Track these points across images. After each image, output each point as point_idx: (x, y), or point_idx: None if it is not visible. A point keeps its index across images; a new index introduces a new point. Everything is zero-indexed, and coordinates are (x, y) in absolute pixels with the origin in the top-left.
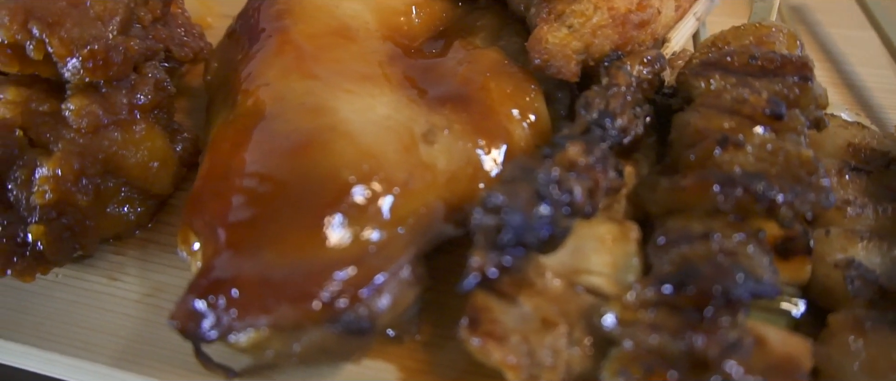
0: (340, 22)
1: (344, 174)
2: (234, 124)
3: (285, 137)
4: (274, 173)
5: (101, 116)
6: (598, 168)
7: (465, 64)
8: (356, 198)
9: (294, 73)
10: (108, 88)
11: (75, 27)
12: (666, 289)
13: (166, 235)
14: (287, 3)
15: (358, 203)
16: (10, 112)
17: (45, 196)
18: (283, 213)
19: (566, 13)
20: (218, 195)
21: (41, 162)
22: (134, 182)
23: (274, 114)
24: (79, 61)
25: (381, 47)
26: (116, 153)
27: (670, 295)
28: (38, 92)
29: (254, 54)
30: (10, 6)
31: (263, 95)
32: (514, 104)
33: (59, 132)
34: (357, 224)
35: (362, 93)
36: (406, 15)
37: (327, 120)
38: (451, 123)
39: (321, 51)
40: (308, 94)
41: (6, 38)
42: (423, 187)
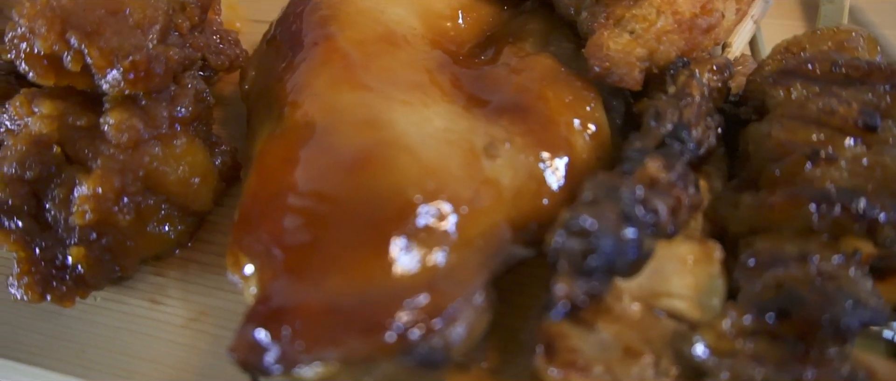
0: (386, 28)
1: (409, 193)
2: (283, 138)
3: (342, 153)
4: (332, 192)
5: (141, 130)
6: (680, 185)
7: (519, 71)
8: (423, 218)
9: (344, 83)
10: (147, 101)
11: (115, 37)
12: (769, 317)
13: (207, 254)
14: (331, 9)
15: (425, 224)
16: (47, 127)
17: (85, 216)
18: (345, 235)
19: (626, 18)
20: (271, 215)
21: (80, 180)
22: (174, 199)
23: (327, 127)
24: (119, 73)
25: (429, 54)
26: (157, 169)
27: (772, 324)
28: (74, 105)
29: (298, 63)
30: (46, 15)
31: (313, 107)
32: (573, 114)
33: (97, 148)
34: (426, 247)
35: (417, 103)
36: (452, 19)
37: (385, 134)
38: (512, 136)
39: (369, 59)
40: (361, 105)
41: (43, 49)
42: (491, 205)
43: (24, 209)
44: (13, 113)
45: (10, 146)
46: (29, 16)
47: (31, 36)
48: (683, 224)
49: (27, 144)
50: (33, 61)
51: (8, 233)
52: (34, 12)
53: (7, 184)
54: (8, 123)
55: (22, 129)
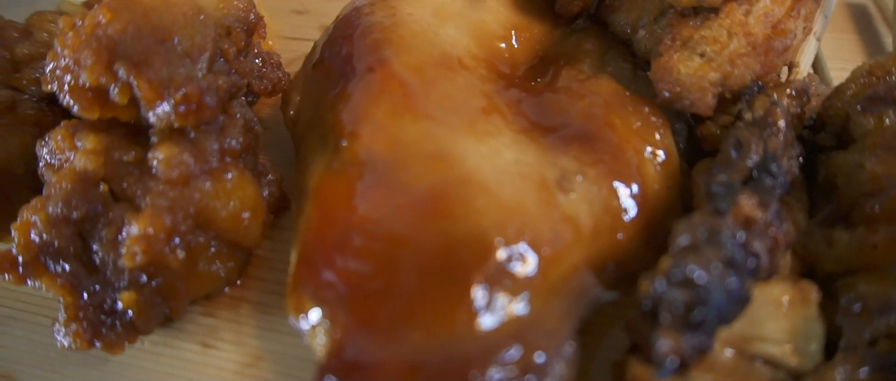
0: (442, 51)
1: (489, 235)
2: (344, 173)
3: (413, 192)
4: (406, 235)
5: (191, 165)
6: (776, 224)
7: (582, 96)
8: (506, 263)
9: (405, 112)
10: (196, 133)
11: (164, 67)
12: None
13: (258, 292)
14: (384, 32)
15: (509, 269)
16: (92, 163)
17: (135, 258)
18: (423, 283)
19: (694, 39)
20: (338, 259)
21: (129, 219)
22: (224, 235)
23: (393, 162)
24: (170, 106)
25: (486, 78)
26: (208, 206)
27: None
28: (119, 138)
29: (353, 90)
30: (92, 45)
31: (375, 140)
32: (643, 141)
33: (145, 184)
34: (511, 294)
35: (482, 133)
36: (506, 40)
37: (458, 170)
38: (583, 167)
39: (428, 85)
40: (427, 137)
41: (89, 82)
42: (571, 245)
43: (70, 251)
44: (54, 147)
45: (53, 183)
46: (73, 46)
47: (75, 67)
48: (779, 266)
49: (72, 182)
50: (78, 94)
51: (54, 277)
52: (79, 42)
53: (52, 225)
54: (48, 156)
55: (65, 164)
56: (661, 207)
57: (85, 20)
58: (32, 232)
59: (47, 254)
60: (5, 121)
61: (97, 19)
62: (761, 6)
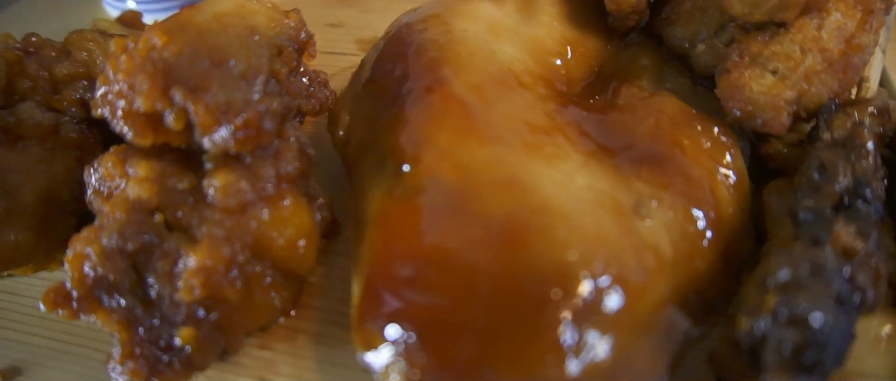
0: (499, 68)
1: (574, 268)
2: (409, 201)
3: (489, 222)
4: (485, 268)
5: (248, 192)
6: (877, 255)
7: (646, 115)
8: (593, 298)
9: (470, 136)
10: (252, 159)
11: (221, 91)
12: None
13: (314, 322)
14: (441, 51)
15: (596, 305)
16: (146, 191)
17: (193, 292)
18: (506, 321)
19: (764, 55)
20: (410, 293)
21: (185, 251)
22: (280, 264)
23: (462, 190)
24: (229, 132)
25: (546, 96)
26: (265, 234)
27: None
28: (172, 165)
29: (410, 112)
30: (147, 70)
31: (440, 166)
32: (714, 162)
33: (201, 213)
34: (600, 331)
35: (550, 157)
36: (561, 56)
37: (533, 199)
38: (657, 191)
39: (490, 106)
40: (497, 163)
41: (144, 107)
42: (656, 276)
43: (125, 285)
44: (104, 174)
45: (106, 213)
46: (127, 70)
47: (130, 92)
48: (882, 299)
49: (126, 212)
50: (132, 120)
51: (109, 312)
52: (133, 66)
53: (107, 257)
54: (98, 183)
55: (115, 191)
56: (735, 231)
57: (138, 43)
58: (86, 265)
59: (102, 288)
60: (49, 145)
61: (152, 42)
62: (833, 20)
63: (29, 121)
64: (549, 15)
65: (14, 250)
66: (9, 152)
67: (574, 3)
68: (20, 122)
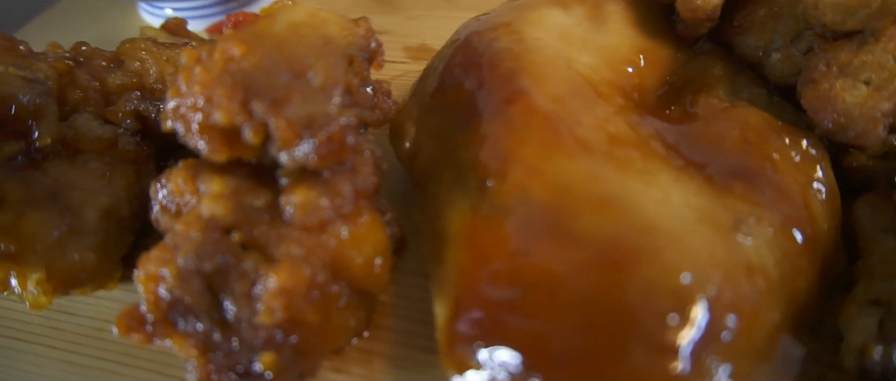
0: (577, 78)
1: (691, 293)
2: (500, 220)
3: (591, 244)
4: (591, 292)
5: (328, 209)
6: None
7: (733, 127)
8: (708, 323)
9: (558, 150)
10: (330, 174)
11: (302, 105)
12: None
13: (388, 344)
14: (517, 60)
15: (712, 333)
16: (221, 209)
17: (274, 315)
18: (616, 348)
19: (854, 65)
20: (507, 317)
21: (265, 272)
22: (356, 284)
23: (557, 209)
24: (312, 147)
25: (624, 107)
26: (343, 253)
27: None
28: (245, 181)
29: (490, 125)
30: (226, 82)
31: (530, 182)
32: (806, 176)
33: (279, 232)
34: (718, 359)
35: (642, 172)
36: (634, 65)
37: (637, 218)
38: (753, 207)
39: (573, 118)
40: (591, 180)
41: (223, 121)
42: (767, 298)
43: (201, 307)
44: (173, 190)
45: (179, 233)
46: (204, 82)
47: (207, 106)
48: None
49: (201, 231)
50: (209, 135)
51: (184, 337)
52: (210, 79)
53: (183, 279)
54: (165, 200)
55: (184, 208)
56: (830, 248)
57: (214, 53)
58: (161, 287)
59: (177, 311)
60: (108, 159)
61: (230, 53)
62: None
63: (89, 134)
64: (618, 22)
65: (78, 271)
66: (69, 167)
67: (642, 9)
68: (79, 135)
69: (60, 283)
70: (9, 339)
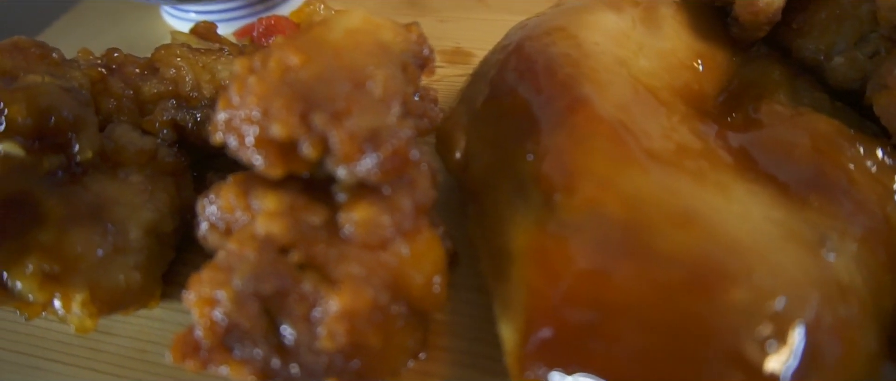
0: (638, 85)
1: (788, 316)
2: (572, 237)
3: (679, 263)
4: (681, 315)
5: (389, 227)
6: None
7: (802, 135)
8: (811, 350)
9: (629, 162)
10: (390, 189)
11: (363, 117)
12: None
13: (446, 365)
14: (576, 66)
15: (816, 359)
16: (278, 228)
17: (336, 340)
18: (709, 374)
19: None
20: (587, 341)
21: (325, 293)
22: (415, 304)
23: (637, 225)
24: (375, 163)
25: (688, 115)
26: (404, 272)
27: None
28: (300, 197)
29: (552, 135)
30: (284, 93)
31: (604, 196)
32: (883, 187)
33: (338, 250)
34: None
35: (718, 184)
36: (693, 70)
37: (721, 235)
38: (833, 221)
39: (638, 127)
40: (668, 194)
41: (281, 135)
42: (862, 322)
43: (259, 332)
44: (224, 206)
45: (233, 252)
46: (259, 94)
47: (263, 119)
48: None
49: (256, 250)
50: (266, 149)
51: (242, 364)
52: (266, 90)
53: (240, 303)
54: (214, 217)
55: (237, 227)
56: None
57: (269, 63)
58: (217, 311)
59: (233, 336)
60: (149, 172)
61: (286, 62)
62: None
63: (129, 147)
64: (673, 26)
65: (124, 292)
66: (110, 181)
67: (695, 12)
68: (119, 148)
69: (105, 305)
70: (49, 361)
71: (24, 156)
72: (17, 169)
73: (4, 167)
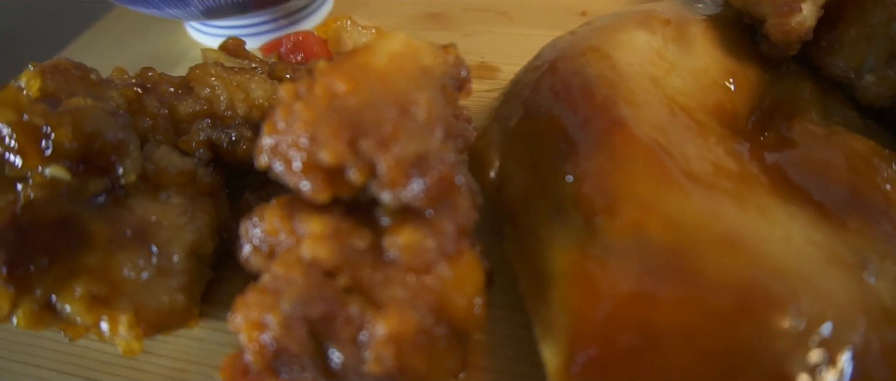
0: (674, 106)
1: (839, 343)
2: (616, 261)
3: (726, 289)
4: (731, 341)
5: (434, 251)
6: None
7: (837, 155)
8: (857, 378)
9: (670, 185)
10: (433, 212)
11: (410, 142)
12: None
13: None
14: (613, 87)
15: None
16: (325, 252)
17: (384, 364)
18: None
19: None
20: (635, 366)
21: (372, 317)
22: (456, 325)
23: (681, 250)
24: (421, 188)
25: (723, 135)
26: (447, 295)
27: None
28: (344, 220)
29: (590, 157)
30: (331, 120)
31: (646, 220)
32: None
33: (385, 274)
34: None
35: (759, 206)
36: (725, 89)
37: (766, 260)
38: (873, 243)
39: (677, 149)
40: (710, 217)
41: (330, 161)
42: None
43: (306, 356)
44: (268, 230)
45: (279, 277)
46: (307, 120)
47: (311, 145)
48: None
49: (303, 275)
50: (313, 175)
51: None
52: (314, 116)
53: (289, 327)
54: (257, 240)
55: (286, 251)
56: None
57: (315, 88)
58: (266, 335)
59: (282, 360)
60: (189, 193)
61: (333, 89)
62: None
63: (170, 169)
64: (704, 44)
65: (168, 314)
66: (153, 203)
67: (725, 29)
68: (161, 170)
69: (150, 326)
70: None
71: (70, 179)
72: (63, 193)
73: (52, 191)
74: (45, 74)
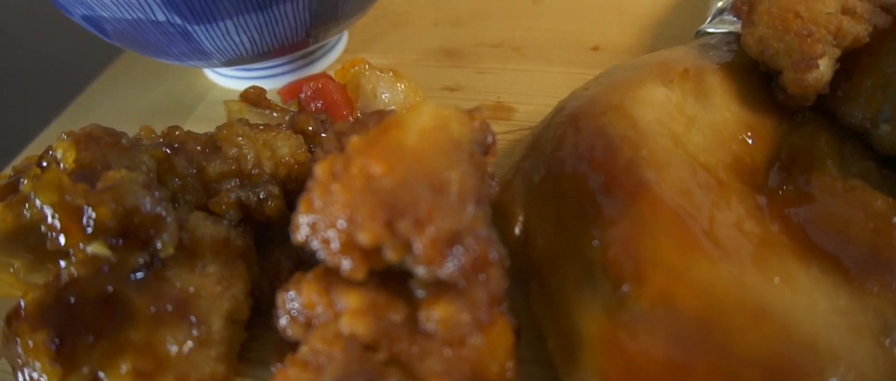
0: (696, 165)
1: None
2: (646, 330)
3: (756, 363)
4: None
5: (469, 323)
6: None
7: (856, 212)
8: None
9: (696, 252)
10: (466, 283)
11: (444, 220)
12: None
13: None
14: (635, 150)
15: None
16: (363, 327)
17: None
18: None
19: None
20: None
21: None
22: None
23: (711, 320)
24: (456, 266)
25: (744, 193)
26: (481, 363)
27: None
28: (380, 294)
29: (617, 221)
30: (368, 202)
31: (675, 289)
32: None
33: (421, 346)
34: None
35: (782, 273)
36: (744, 143)
37: (793, 333)
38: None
39: (702, 213)
40: (738, 286)
41: (367, 243)
42: None
43: None
44: (305, 303)
45: (321, 351)
46: (344, 202)
47: (349, 226)
48: None
49: (342, 350)
50: (351, 255)
51: None
52: (351, 198)
53: None
54: (295, 311)
55: (324, 323)
56: None
57: (351, 169)
58: None
59: None
60: (224, 259)
61: (370, 171)
62: None
63: (206, 239)
64: (722, 96)
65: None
66: (190, 274)
67: (741, 79)
68: (197, 239)
69: None
70: None
71: (110, 255)
72: (105, 269)
73: (94, 268)
74: (79, 144)
